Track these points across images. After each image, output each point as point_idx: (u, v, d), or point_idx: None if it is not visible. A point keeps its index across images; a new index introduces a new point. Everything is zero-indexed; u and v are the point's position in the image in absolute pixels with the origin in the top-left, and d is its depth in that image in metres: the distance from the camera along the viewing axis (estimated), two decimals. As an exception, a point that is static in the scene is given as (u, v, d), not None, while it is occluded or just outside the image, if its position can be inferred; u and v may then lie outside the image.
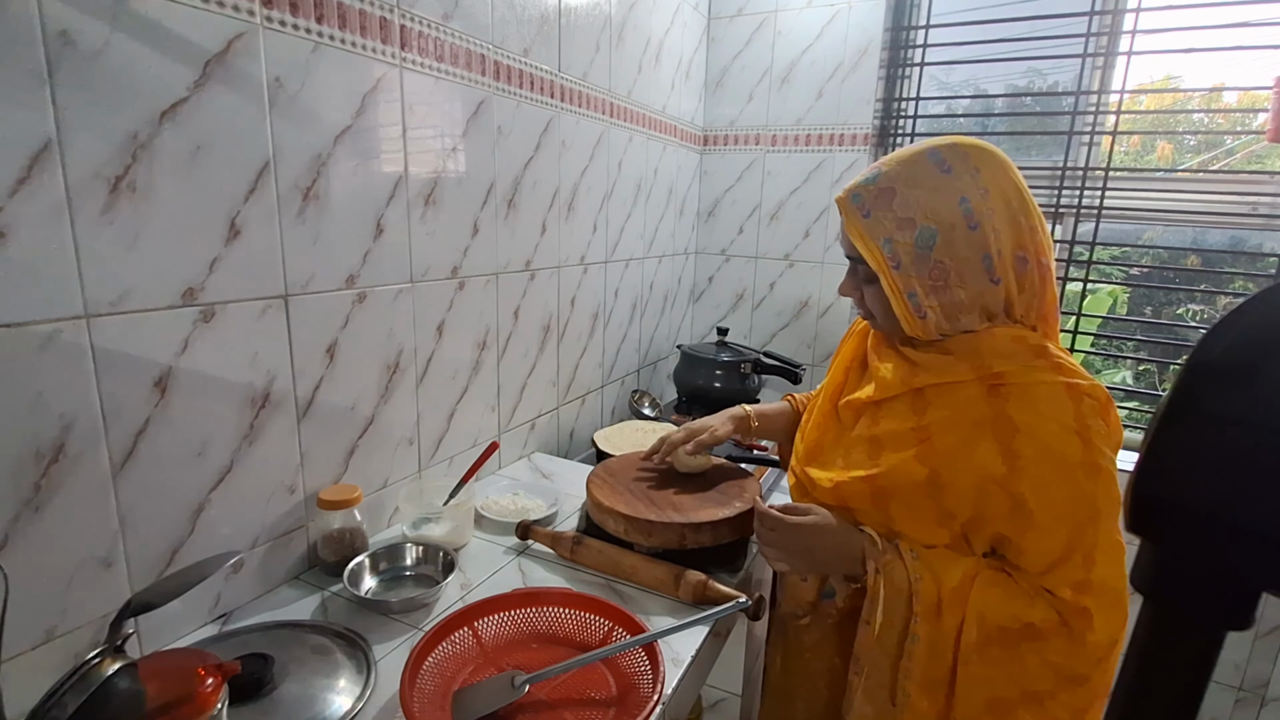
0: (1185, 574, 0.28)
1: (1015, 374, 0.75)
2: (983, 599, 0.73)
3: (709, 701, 1.83)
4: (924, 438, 0.78)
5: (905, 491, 0.78)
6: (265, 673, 0.73)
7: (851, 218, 0.80)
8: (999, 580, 0.74)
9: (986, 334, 0.78)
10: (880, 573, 0.77)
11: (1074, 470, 0.71)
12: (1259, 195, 1.63)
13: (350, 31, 0.93)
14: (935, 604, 0.75)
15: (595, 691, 0.78)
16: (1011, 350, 0.76)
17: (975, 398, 0.76)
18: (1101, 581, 0.71)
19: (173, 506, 0.80)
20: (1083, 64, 1.78)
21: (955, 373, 0.78)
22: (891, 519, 0.80)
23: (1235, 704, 1.67)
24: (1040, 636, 0.71)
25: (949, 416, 0.77)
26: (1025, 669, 0.72)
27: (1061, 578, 0.71)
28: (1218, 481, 0.26)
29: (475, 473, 1.15)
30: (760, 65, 2.06)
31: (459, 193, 1.18)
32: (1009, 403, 0.74)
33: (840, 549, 0.81)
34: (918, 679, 0.76)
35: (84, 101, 0.67)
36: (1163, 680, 0.30)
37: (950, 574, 0.75)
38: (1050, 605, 0.72)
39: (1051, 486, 0.71)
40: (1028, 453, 0.72)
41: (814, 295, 2.11)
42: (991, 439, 0.74)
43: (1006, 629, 0.72)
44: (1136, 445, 1.48)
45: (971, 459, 0.74)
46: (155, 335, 0.75)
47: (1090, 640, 0.70)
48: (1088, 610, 0.70)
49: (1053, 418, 0.72)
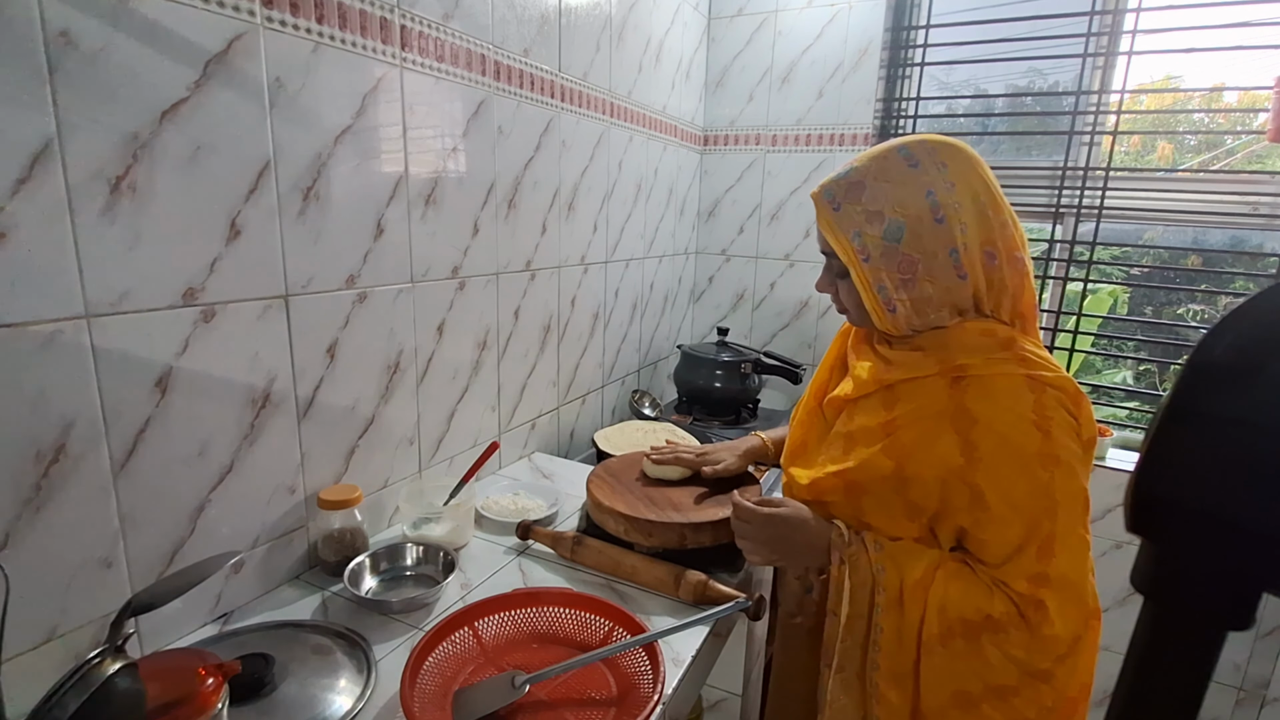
0: (1185, 574, 0.28)
1: (977, 366, 0.75)
2: (944, 591, 0.73)
3: (709, 701, 1.83)
4: (890, 432, 0.79)
5: (874, 485, 0.79)
6: (265, 673, 0.73)
7: (823, 211, 0.82)
8: (961, 573, 0.74)
9: (957, 328, 0.79)
10: (845, 563, 0.78)
11: (1030, 462, 0.71)
12: (1259, 195, 1.63)
13: (350, 31, 0.93)
14: (898, 595, 0.75)
15: (595, 691, 0.78)
16: (978, 344, 0.77)
17: (938, 391, 0.77)
18: (1061, 575, 0.70)
19: (173, 506, 0.80)
20: (1083, 64, 1.78)
21: (923, 368, 0.78)
22: (863, 512, 0.81)
23: (1235, 704, 1.67)
24: (1000, 629, 0.71)
25: (914, 410, 0.78)
26: (987, 662, 0.71)
27: (1017, 570, 0.71)
28: (1218, 481, 0.26)
29: (475, 473, 1.15)
30: (760, 65, 2.06)
31: (459, 193, 1.18)
32: (967, 395, 0.74)
33: (809, 541, 0.82)
34: (885, 670, 0.76)
35: (84, 101, 0.67)
36: (1163, 680, 0.30)
37: (914, 566, 0.75)
38: (1008, 598, 0.71)
39: (1007, 478, 0.71)
40: (985, 444, 0.72)
41: (814, 295, 2.11)
42: (951, 431, 0.74)
43: (968, 620, 0.72)
44: (1136, 445, 1.48)
45: (933, 452, 0.75)
46: (156, 335, 0.75)
47: (1047, 633, 0.69)
48: (1043, 603, 0.69)
49: (1010, 409, 0.72)
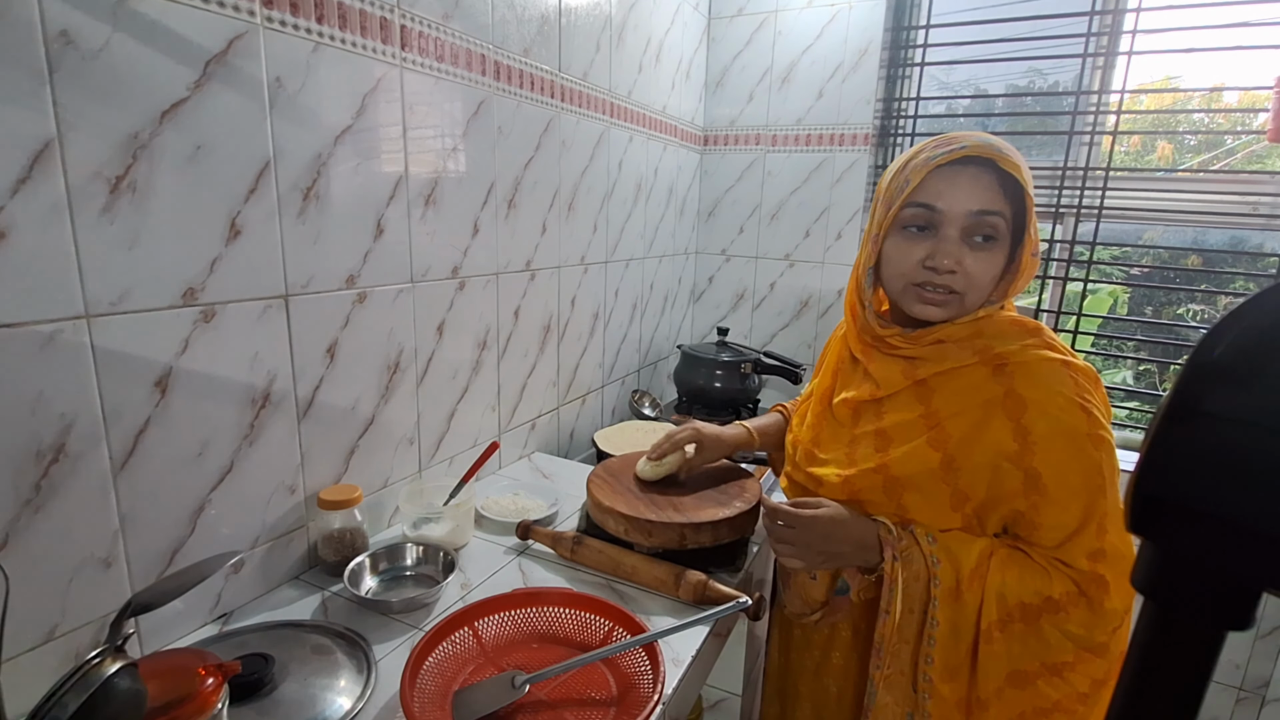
0: (1185, 574, 0.28)
1: (1015, 354, 0.77)
2: (1001, 577, 0.74)
3: (709, 701, 1.83)
4: (934, 424, 0.79)
5: (919, 478, 0.79)
6: (265, 673, 0.73)
7: (1016, 168, 0.74)
8: (1015, 558, 0.76)
9: (987, 319, 0.80)
10: (898, 559, 0.77)
11: (1083, 442, 0.73)
12: (1259, 195, 1.63)
13: (350, 31, 0.93)
14: (954, 586, 0.75)
15: (595, 691, 0.78)
16: (1011, 332, 0.79)
17: (982, 379, 0.78)
18: (1114, 548, 0.73)
19: (173, 506, 0.80)
20: (1083, 64, 1.78)
21: (959, 358, 0.80)
22: (905, 508, 0.80)
23: (1236, 704, 1.67)
24: (1060, 609, 0.72)
25: (958, 400, 0.79)
26: (1045, 643, 0.73)
27: (1078, 549, 0.73)
28: (1218, 481, 0.26)
29: (475, 473, 1.15)
30: (760, 65, 2.06)
31: (459, 193, 1.18)
32: (1015, 380, 0.76)
33: (857, 539, 0.80)
34: (939, 664, 0.76)
35: (84, 101, 0.67)
36: (1163, 680, 0.30)
37: (967, 555, 0.76)
38: (1067, 577, 0.73)
39: (1063, 460, 0.73)
40: (1039, 428, 0.74)
41: (814, 295, 2.11)
42: (1003, 416, 0.76)
43: (1027, 605, 0.73)
44: (1136, 445, 1.48)
45: (984, 439, 0.76)
46: (155, 335, 0.75)
47: (1108, 607, 0.72)
48: (1104, 578, 0.72)
49: (1060, 392, 0.74)
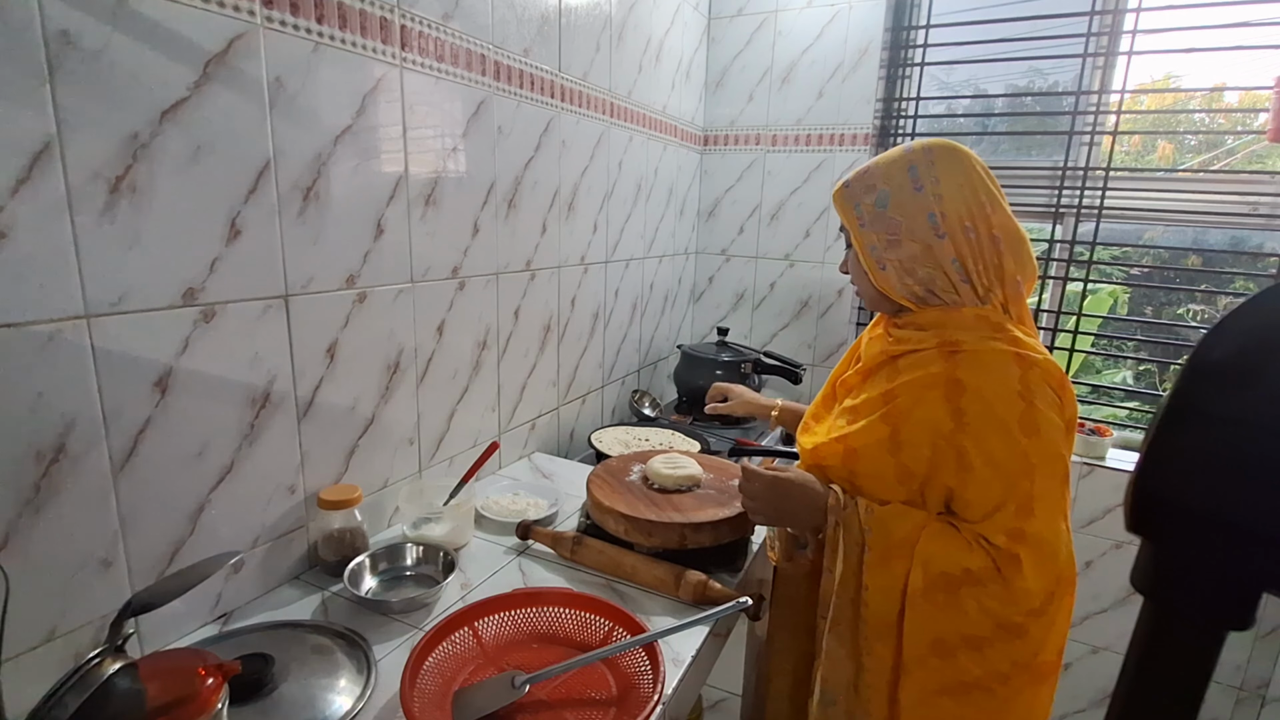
0: (1185, 574, 0.28)
1: (970, 343, 0.83)
2: (928, 548, 0.80)
3: (709, 701, 1.83)
4: (890, 400, 0.86)
5: (869, 450, 0.85)
6: (265, 673, 0.73)
7: (839, 192, 0.93)
8: (944, 531, 0.81)
9: (956, 310, 0.85)
10: (840, 525, 0.85)
11: (1011, 427, 0.78)
12: (1259, 195, 1.63)
13: (350, 31, 0.93)
14: (884, 553, 0.81)
15: (595, 691, 0.78)
16: (972, 325, 0.84)
17: (932, 361, 0.84)
18: (1036, 534, 0.77)
19: (173, 506, 0.80)
20: (1083, 64, 1.78)
21: (923, 341, 0.86)
22: (856, 476, 0.87)
23: (1236, 704, 1.67)
24: (977, 582, 0.77)
25: (911, 380, 0.85)
26: (964, 613, 0.77)
27: (997, 526, 0.78)
28: (1218, 481, 0.26)
29: (475, 473, 1.15)
30: (760, 65, 2.06)
31: (459, 193, 1.18)
32: (960, 366, 0.82)
33: (808, 502, 0.89)
34: (871, 626, 0.83)
35: (84, 101, 0.67)
36: (1163, 680, 0.30)
37: (900, 526, 0.82)
38: (985, 552, 0.78)
39: (990, 441, 0.78)
40: (972, 410, 0.79)
41: (814, 295, 2.11)
42: (943, 398, 0.81)
43: (948, 574, 0.78)
44: (1136, 445, 1.49)
45: (925, 417, 0.82)
46: (156, 335, 0.75)
47: (1020, 586, 0.76)
48: (1019, 558, 0.76)
49: (998, 380, 0.80)
